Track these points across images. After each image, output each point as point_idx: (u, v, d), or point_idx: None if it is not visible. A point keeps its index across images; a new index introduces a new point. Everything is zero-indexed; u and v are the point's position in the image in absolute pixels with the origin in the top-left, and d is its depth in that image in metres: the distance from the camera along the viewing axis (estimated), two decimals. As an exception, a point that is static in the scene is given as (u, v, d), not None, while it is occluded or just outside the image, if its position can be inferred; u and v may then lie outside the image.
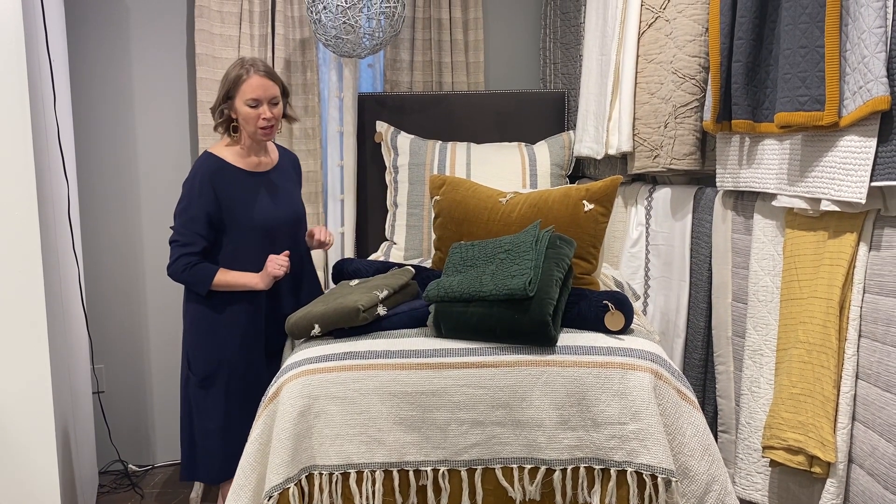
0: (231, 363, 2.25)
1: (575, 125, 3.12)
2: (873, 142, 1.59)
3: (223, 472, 2.28)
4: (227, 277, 2.20)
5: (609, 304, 1.86)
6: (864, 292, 1.70)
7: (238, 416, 2.26)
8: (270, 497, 1.73)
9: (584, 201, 2.13)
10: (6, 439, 2.13)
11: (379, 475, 1.74)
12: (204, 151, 2.29)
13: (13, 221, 2.07)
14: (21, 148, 2.06)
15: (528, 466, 1.75)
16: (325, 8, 2.82)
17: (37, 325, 2.11)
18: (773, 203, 1.94)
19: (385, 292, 1.92)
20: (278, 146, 2.43)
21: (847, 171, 1.65)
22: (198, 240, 2.19)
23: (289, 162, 2.43)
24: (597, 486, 1.73)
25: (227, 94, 2.19)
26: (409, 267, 2.15)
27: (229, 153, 2.26)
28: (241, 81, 2.17)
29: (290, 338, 2.21)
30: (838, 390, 1.73)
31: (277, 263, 2.21)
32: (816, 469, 1.74)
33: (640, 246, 2.64)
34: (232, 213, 2.22)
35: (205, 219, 2.19)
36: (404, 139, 3.15)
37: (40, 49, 2.33)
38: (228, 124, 2.24)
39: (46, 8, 2.40)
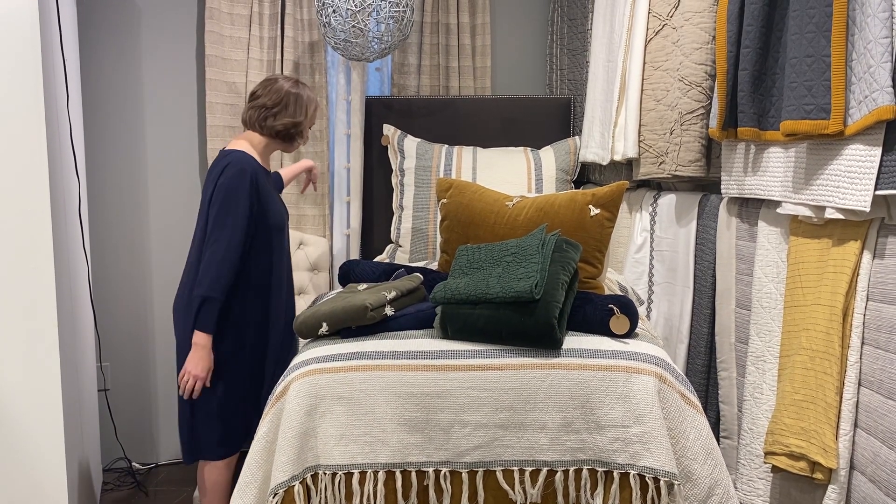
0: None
1: (581, 131, 3.14)
2: (878, 151, 1.61)
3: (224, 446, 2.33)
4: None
5: (614, 307, 1.87)
6: (867, 300, 1.71)
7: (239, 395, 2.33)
8: (276, 494, 1.74)
9: (591, 206, 2.15)
10: (16, 434, 2.15)
11: (381, 476, 1.75)
12: (235, 151, 2.29)
13: (26, 218, 2.10)
14: (35, 146, 2.09)
15: (529, 469, 1.75)
16: (334, 11, 2.84)
17: (47, 322, 2.13)
18: (778, 210, 1.95)
19: (393, 293, 1.94)
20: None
21: (852, 179, 1.67)
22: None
23: None
24: (599, 489, 1.74)
25: (309, 117, 2.44)
26: (418, 274, 2.15)
27: (254, 152, 2.36)
28: (318, 109, 2.52)
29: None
30: (841, 397, 1.74)
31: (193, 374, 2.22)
32: (818, 475, 1.75)
33: (645, 252, 2.65)
34: (266, 213, 2.31)
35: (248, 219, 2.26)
36: (411, 142, 3.17)
37: (54, 49, 2.35)
38: (287, 133, 2.40)
39: (60, 9, 2.42)
